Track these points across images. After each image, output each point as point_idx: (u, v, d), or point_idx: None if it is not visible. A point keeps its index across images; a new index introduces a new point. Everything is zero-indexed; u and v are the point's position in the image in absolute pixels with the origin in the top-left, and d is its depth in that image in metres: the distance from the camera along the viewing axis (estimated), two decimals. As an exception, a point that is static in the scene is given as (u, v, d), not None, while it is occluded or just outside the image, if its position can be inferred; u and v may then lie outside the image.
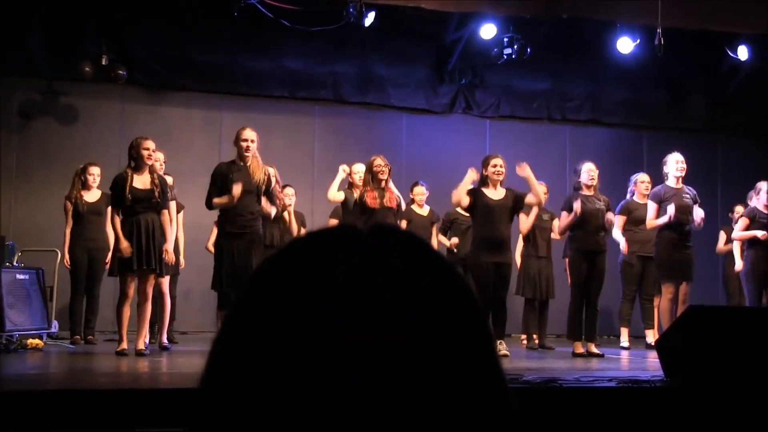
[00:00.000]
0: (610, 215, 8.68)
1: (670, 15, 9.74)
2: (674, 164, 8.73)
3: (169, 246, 8.01)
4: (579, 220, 8.45)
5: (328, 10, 10.56)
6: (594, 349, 8.42)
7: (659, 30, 9.39)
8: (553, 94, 13.18)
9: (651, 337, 9.51)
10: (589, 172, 8.61)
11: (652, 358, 7.28)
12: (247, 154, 7.82)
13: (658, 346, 5.77)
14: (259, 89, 12.07)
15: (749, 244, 9.21)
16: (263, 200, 7.97)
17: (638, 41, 11.60)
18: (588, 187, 8.59)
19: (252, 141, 7.86)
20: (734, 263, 10.54)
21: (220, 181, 7.80)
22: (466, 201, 8.30)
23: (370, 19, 10.78)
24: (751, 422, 5.13)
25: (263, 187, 7.88)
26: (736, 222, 9.82)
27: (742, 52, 12.24)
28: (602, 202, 8.60)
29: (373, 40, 11.81)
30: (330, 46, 11.78)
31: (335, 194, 8.97)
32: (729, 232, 11.11)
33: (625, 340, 9.81)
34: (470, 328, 0.78)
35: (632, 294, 9.78)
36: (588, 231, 8.46)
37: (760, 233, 8.96)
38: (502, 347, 8.06)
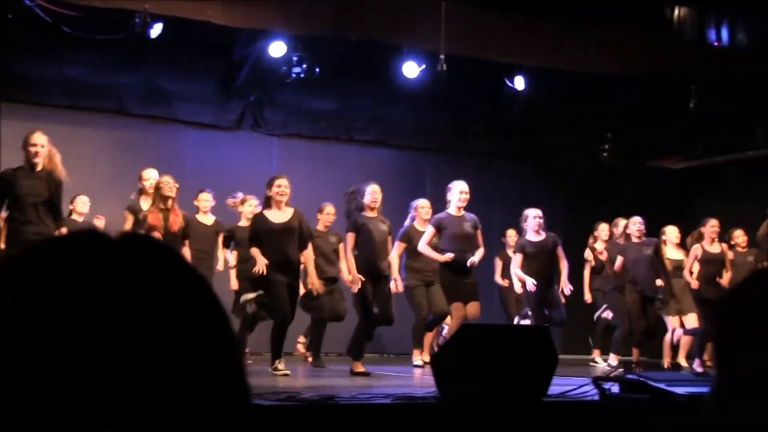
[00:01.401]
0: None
1: (452, 42, 10.07)
2: (458, 194, 8.96)
3: None
4: (364, 243, 8.48)
5: (113, 19, 10.23)
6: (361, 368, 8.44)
7: (442, 56, 9.69)
8: (341, 115, 13.33)
9: (417, 358, 9.72)
10: (372, 194, 8.61)
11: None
12: (36, 160, 7.39)
13: (432, 363, 5.90)
14: (38, 97, 11.52)
15: (527, 271, 9.62)
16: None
17: (423, 66, 11.94)
18: (371, 208, 8.63)
19: (42, 146, 7.43)
20: (509, 287, 10.99)
21: (3, 188, 7.36)
22: None
23: (156, 30, 10.54)
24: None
25: (55, 196, 7.49)
26: (512, 249, 10.24)
27: (519, 83, 12.85)
28: (385, 225, 8.68)
29: (160, 52, 11.52)
30: (115, 56, 11.41)
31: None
32: (504, 258, 11.59)
33: (418, 359, 9.87)
34: (227, 341, 0.81)
35: (424, 317, 9.91)
36: (372, 254, 8.50)
37: (529, 283, 9.35)
38: (282, 365, 8.01)
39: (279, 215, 8.14)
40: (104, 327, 0.74)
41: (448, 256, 8.82)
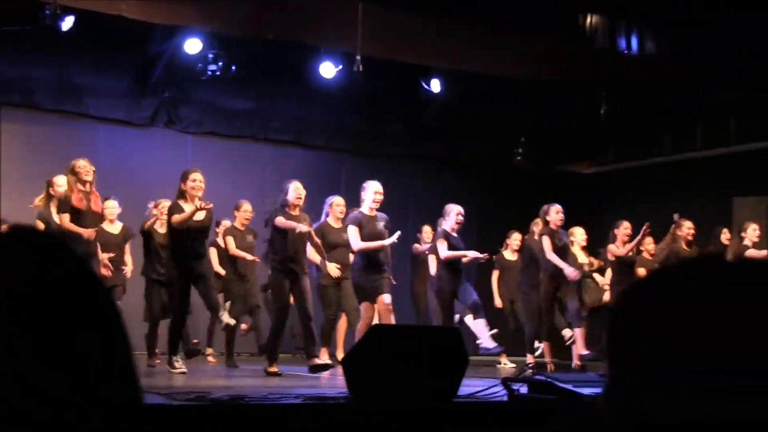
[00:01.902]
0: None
1: (369, 44, 10.08)
2: (372, 194, 8.97)
3: None
4: (281, 241, 8.45)
5: (21, 9, 9.98)
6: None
7: (358, 57, 9.70)
8: (257, 114, 13.24)
9: (326, 356, 9.71)
10: (296, 190, 8.58)
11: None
12: None
13: (344, 363, 5.90)
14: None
15: (441, 265, 9.65)
16: None
17: (340, 67, 11.94)
18: (294, 206, 8.61)
19: None
20: (420, 282, 11.02)
21: None
22: None
23: (68, 23, 10.32)
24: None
25: None
26: (431, 244, 10.27)
27: (435, 85, 12.95)
28: (306, 222, 8.67)
29: (71, 45, 11.28)
30: (24, 47, 11.12)
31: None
32: (418, 252, 11.68)
33: (326, 359, 9.86)
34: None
35: (333, 315, 9.92)
36: (291, 252, 8.47)
37: (471, 253, 9.39)
38: (179, 363, 7.93)
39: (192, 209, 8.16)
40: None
41: (395, 237, 8.84)
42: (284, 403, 5.32)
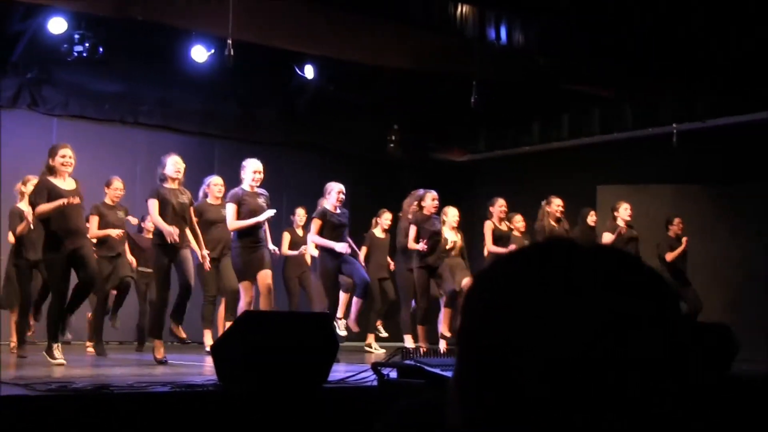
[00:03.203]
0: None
1: (241, 28, 9.94)
2: (251, 173, 8.96)
3: None
4: (162, 215, 8.30)
5: None
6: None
7: (230, 41, 9.57)
8: (126, 97, 12.92)
9: (209, 338, 9.62)
10: (175, 164, 8.47)
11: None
12: None
13: (213, 350, 5.85)
14: None
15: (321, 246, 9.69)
16: None
17: (213, 51, 11.76)
18: (173, 179, 8.47)
19: None
20: (297, 264, 10.99)
21: None
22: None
23: None
24: (298, 422, 5.37)
25: None
26: (304, 224, 10.23)
27: (309, 71, 12.93)
28: (186, 196, 8.54)
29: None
30: None
31: None
32: (291, 233, 11.68)
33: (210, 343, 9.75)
34: None
35: (213, 296, 9.81)
36: (173, 225, 8.35)
37: (338, 246, 9.38)
38: (58, 352, 7.71)
39: (65, 184, 7.92)
40: None
41: (270, 213, 8.80)
42: (151, 392, 5.24)
